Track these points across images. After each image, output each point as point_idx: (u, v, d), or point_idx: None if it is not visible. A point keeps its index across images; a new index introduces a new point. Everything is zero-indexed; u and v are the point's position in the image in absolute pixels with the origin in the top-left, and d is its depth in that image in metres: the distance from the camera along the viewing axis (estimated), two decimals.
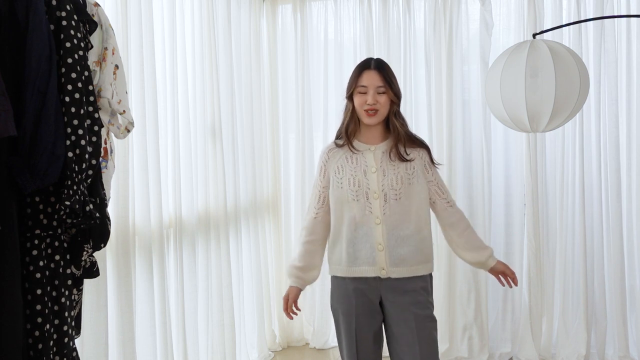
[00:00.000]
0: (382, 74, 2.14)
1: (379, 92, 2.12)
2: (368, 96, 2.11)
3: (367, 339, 2.15)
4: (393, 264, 2.10)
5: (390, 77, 2.15)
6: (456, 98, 3.42)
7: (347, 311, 2.15)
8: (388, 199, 2.10)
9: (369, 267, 2.11)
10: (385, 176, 2.12)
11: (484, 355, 3.39)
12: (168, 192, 2.67)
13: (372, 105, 2.11)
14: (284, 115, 3.78)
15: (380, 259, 2.10)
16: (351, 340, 2.15)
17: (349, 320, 2.14)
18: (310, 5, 3.70)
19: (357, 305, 2.13)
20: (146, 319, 2.45)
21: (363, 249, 2.12)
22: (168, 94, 2.69)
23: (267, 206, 3.71)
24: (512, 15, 3.40)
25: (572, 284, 3.34)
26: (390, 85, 2.14)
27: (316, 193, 2.24)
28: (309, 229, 2.22)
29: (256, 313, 3.46)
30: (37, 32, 1.54)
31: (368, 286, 2.13)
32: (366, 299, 2.14)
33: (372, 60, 2.20)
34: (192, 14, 2.93)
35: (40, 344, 1.58)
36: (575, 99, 2.21)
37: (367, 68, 2.16)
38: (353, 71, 2.21)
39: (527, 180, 3.32)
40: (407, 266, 2.11)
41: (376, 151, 2.16)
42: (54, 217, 1.63)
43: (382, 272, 2.11)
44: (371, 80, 2.13)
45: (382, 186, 2.11)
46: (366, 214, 2.11)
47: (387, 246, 2.10)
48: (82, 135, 1.63)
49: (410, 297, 2.10)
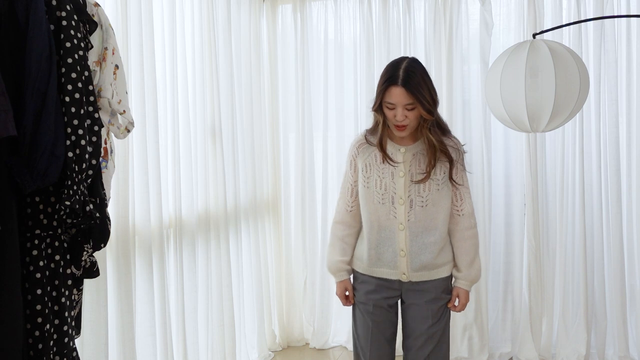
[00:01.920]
0: (410, 89, 1.95)
1: (408, 109, 1.98)
2: (397, 112, 1.98)
3: (383, 335, 2.18)
4: (414, 269, 2.10)
5: (420, 90, 1.96)
6: (456, 98, 3.42)
7: (365, 302, 2.18)
8: (414, 205, 2.06)
9: (391, 270, 2.12)
10: (413, 182, 2.06)
11: (484, 355, 3.39)
12: (168, 192, 2.67)
13: (401, 122, 2.01)
14: (284, 115, 3.78)
15: (402, 264, 2.10)
16: (367, 333, 2.17)
17: (368, 311, 2.17)
18: (310, 5, 3.70)
19: (375, 301, 2.15)
20: (146, 319, 2.46)
21: (386, 252, 2.11)
22: (168, 94, 2.69)
23: (267, 206, 3.71)
24: (512, 15, 3.40)
25: (572, 284, 3.34)
26: (420, 100, 1.96)
27: (347, 187, 2.22)
28: (345, 223, 2.22)
29: (256, 313, 3.46)
30: (37, 32, 1.54)
31: (389, 285, 2.15)
32: (385, 296, 2.16)
33: (400, 72, 1.97)
34: (192, 14, 2.93)
35: (40, 344, 1.58)
36: (575, 99, 2.21)
37: (393, 83, 1.97)
38: (379, 83, 2.04)
39: (527, 180, 3.31)
40: (428, 270, 2.11)
41: (407, 153, 2.09)
42: (54, 217, 1.63)
43: (403, 276, 2.11)
44: (398, 98, 1.96)
45: (408, 192, 2.06)
46: (390, 218, 2.08)
47: (409, 252, 2.08)
48: (82, 135, 1.63)
49: (429, 296, 2.12)
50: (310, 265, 3.73)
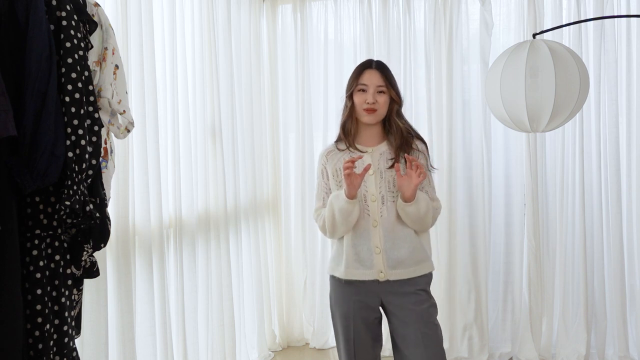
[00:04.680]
0: (383, 73, 2.15)
1: (379, 92, 2.13)
2: (368, 95, 2.12)
3: (366, 343, 2.14)
4: (390, 266, 2.08)
5: (391, 78, 2.17)
6: (456, 98, 3.42)
7: (345, 314, 2.14)
8: (385, 201, 2.10)
9: (367, 270, 2.10)
10: (383, 178, 2.11)
11: (484, 355, 3.39)
12: (168, 192, 2.67)
13: (372, 105, 2.11)
14: (284, 115, 3.78)
15: (378, 261, 2.08)
16: (349, 343, 2.14)
17: (347, 324, 2.13)
18: (310, 5, 3.70)
19: (354, 309, 2.12)
20: (146, 319, 2.45)
21: (361, 251, 2.10)
22: (168, 94, 2.69)
23: (267, 206, 3.71)
24: (512, 15, 3.40)
25: (572, 284, 3.34)
26: (390, 85, 2.15)
27: (321, 195, 2.23)
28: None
29: (256, 313, 3.46)
30: (37, 32, 1.54)
31: (366, 289, 2.11)
32: (364, 302, 2.12)
33: (373, 61, 2.21)
34: (192, 14, 2.93)
35: (40, 343, 1.58)
36: (575, 99, 2.21)
37: (368, 67, 2.17)
38: (354, 70, 2.21)
39: (527, 180, 3.31)
40: (404, 268, 2.09)
41: (374, 153, 2.15)
42: (54, 217, 1.63)
43: (380, 275, 2.09)
44: (372, 79, 2.14)
45: (379, 188, 2.11)
46: (364, 216, 2.10)
47: (384, 249, 2.08)
48: (82, 135, 1.63)
49: (412, 298, 2.09)
50: (310, 265, 3.73)
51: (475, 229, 3.40)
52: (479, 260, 3.39)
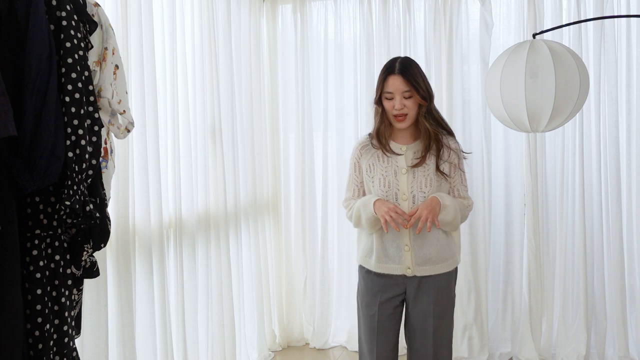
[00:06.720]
0: (407, 77, 2.12)
1: (406, 97, 2.12)
2: (395, 102, 2.12)
3: (388, 332, 2.22)
4: (418, 263, 2.16)
5: (416, 79, 2.13)
6: (456, 98, 3.42)
7: (370, 304, 2.22)
8: (416, 200, 2.14)
9: (396, 265, 2.17)
10: (415, 178, 2.15)
11: (484, 355, 3.39)
12: (168, 192, 2.67)
13: (400, 111, 2.13)
14: (284, 115, 3.78)
15: (407, 258, 2.16)
16: (372, 332, 2.21)
17: (372, 314, 2.21)
18: (310, 5, 3.70)
19: (381, 300, 2.20)
20: (146, 319, 2.45)
21: (391, 247, 2.17)
22: (168, 94, 2.69)
23: (267, 206, 3.71)
24: (512, 15, 3.40)
25: (572, 284, 3.34)
26: (416, 87, 2.12)
27: (351, 187, 2.30)
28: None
29: (256, 313, 3.46)
30: (37, 32, 1.54)
31: (394, 282, 2.20)
32: (390, 294, 2.20)
33: (397, 63, 2.16)
34: (192, 14, 2.93)
35: (40, 343, 1.58)
36: (575, 99, 2.21)
37: (391, 73, 2.14)
38: (379, 75, 2.20)
39: (527, 180, 3.31)
40: (432, 264, 2.16)
41: (407, 152, 2.19)
42: (54, 217, 1.63)
43: (408, 270, 2.17)
44: (396, 85, 2.12)
45: (411, 188, 2.14)
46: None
47: (413, 247, 2.15)
48: (82, 135, 1.63)
49: (433, 293, 2.17)
50: (310, 265, 3.73)
51: (475, 229, 3.40)
52: (479, 260, 3.39)
